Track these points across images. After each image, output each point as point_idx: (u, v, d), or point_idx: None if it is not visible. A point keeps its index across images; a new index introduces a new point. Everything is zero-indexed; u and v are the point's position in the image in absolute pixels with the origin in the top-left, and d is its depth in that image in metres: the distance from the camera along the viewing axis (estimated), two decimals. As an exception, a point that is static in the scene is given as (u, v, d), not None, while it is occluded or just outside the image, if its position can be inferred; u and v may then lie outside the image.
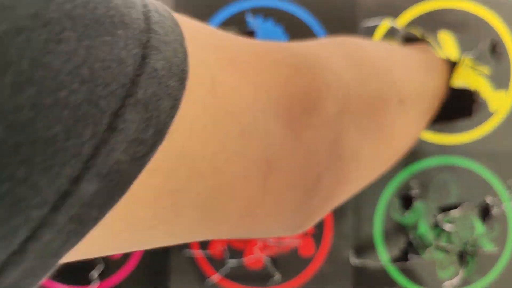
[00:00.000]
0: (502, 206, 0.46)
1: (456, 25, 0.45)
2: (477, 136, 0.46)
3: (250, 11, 0.45)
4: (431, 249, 0.46)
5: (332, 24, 0.45)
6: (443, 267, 0.46)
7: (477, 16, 0.45)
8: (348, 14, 0.45)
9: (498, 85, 0.46)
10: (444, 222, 0.46)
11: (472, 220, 0.46)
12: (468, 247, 0.46)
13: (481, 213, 0.46)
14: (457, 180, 0.46)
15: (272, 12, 0.45)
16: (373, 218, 0.46)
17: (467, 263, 0.46)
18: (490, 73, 0.46)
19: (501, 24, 0.45)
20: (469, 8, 0.45)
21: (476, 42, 0.45)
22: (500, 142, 0.46)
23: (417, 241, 0.46)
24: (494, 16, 0.45)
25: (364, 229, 0.45)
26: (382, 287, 0.46)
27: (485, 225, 0.46)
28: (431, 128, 0.45)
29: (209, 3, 0.45)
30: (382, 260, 0.46)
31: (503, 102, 0.46)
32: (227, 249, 0.46)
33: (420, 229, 0.46)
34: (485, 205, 0.46)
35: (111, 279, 0.45)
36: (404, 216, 0.46)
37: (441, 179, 0.46)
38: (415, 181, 0.46)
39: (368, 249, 0.46)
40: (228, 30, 0.45)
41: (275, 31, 0.45)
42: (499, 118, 0.46)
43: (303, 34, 0.45)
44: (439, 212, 0.46)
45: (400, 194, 0.46)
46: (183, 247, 0.45)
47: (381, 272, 0.46)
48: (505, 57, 0.46)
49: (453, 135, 0.46)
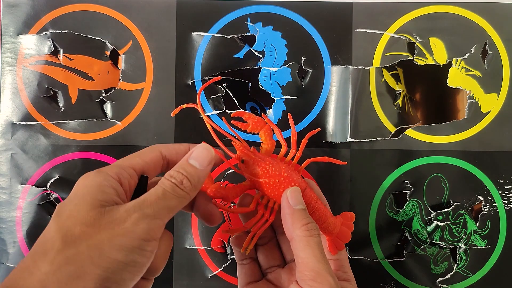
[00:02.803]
0: (494, 204, 0.47)
1: (449, 30, 0.47)
2: (469, 136, 0.47)
3: (250, 18, 0.47)
4: (425, 245, 0.47)
5: (328, 29, 0.46)
6: (436, 263, 0.47)
7: (469, 20, 0.47)
8: (344, 19, 0.46)
9: (490, 87, 0.47)
10: (437, 220, 0.47)
11: (464, 217, 0.47)
12: (461, 244, 0.47)
13: (473, 210, 0.47)
14: (450, 178, 0.47)
15: (271, 18, 0.47)
16: (368, 216, 0.47)
17: (460, 259, 0.47)
18: (482, 76, 0.47)
19: (492, 29, 0.47)
20: (462, 14, 0.47)
21: (468, 46, 0.47)
22: (491, 142, 0.47)
23: (410, 238, 0.47)
24: (485, 21, 0.47)
25: (359, 226, 0.47)
26: (377, 283, 0.47)
27: (477, 223, 0.47)
28: (424, 129, 0.47)
29: (211, 9, 0.46)
30: (377, 256, 0.47)
31: (494, 104, 0.47)
32: (228, 245, 0.47)
33: (413, 226, 0.47)
34: (477, 203, 0.47)
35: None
36: (398, 214, 0.47)
37: (434, 178, 0.47)
38: (408, 180, 0.47)
39: (363, 246, 0.47)
40: (229, 34, 0.46)
41: (274, 35, 0.47)
42: (490, 119, 0.47)
43: (301, 39, 0.46)
44: (432, 210, 0.47)
45: (394, 192, 0.47)
46: (186, 243, 0.47)
47: (376, 268, 0.47)
48: (496, 61, 0.47)
49: (446, 135, 0.47)
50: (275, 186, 0.35)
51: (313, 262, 0.31)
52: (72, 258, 0.25)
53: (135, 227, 0.26)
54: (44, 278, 0.24)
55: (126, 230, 0.26)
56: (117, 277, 0.25)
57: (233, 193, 0.35)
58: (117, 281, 0.25)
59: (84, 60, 0.47)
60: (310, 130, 0.44)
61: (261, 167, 0.35)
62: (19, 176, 0.46)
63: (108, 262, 0.25)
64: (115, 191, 0.28)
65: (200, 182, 0.31)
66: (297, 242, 0.32)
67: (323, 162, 0.46)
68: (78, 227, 0.26)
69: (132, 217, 0.27)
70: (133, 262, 0.26)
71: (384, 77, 0.47)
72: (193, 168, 0.31)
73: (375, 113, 0.46)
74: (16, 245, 0.46)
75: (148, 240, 0.27)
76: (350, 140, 0.46)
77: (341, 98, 0.46)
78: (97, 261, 0.25)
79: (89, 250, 0.25)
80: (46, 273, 0.25)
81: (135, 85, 0.47)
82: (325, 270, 0.31)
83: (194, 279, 0.47)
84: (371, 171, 0.46)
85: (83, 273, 0.25)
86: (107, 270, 0.25)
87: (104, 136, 0.46)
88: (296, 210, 0.33)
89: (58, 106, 0.46)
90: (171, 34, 0.46)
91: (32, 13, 0.46)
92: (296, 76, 0.47)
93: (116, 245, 0.26)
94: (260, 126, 0.37)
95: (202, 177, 0.31)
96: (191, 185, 0.30)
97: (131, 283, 0.27)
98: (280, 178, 0.35)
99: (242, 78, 0.47)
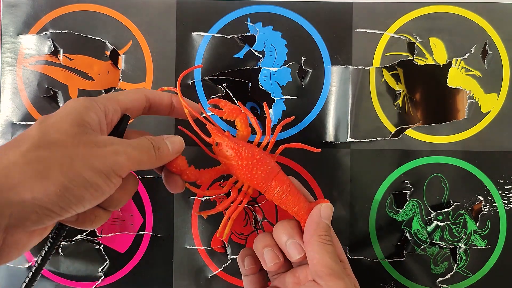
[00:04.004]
0: (494, 204, 0.47)
1: (449, 30, 0.47)
2: (469, 136, 0.47)
3: (250, 18, 0.47)
4: (425, 245, 0.47)
5: (328, 29, 0.46)
6: (436, 263, 0.47)
7: (469, 20, 0.47)
8: (344, 19, 0.46)
9: (490, 87, 0.47)
10: (437, 220, 0.47)
11: (464, 217, 0.47)
12: (461, 244, 0.47)
13: (473, 210, 0.47)
14: (450, 178, 0.47)
15: (271, 18, 0.47)
16: (368, 216, 0.47)
17: (460, 259, 0.47)
18: (482, 76, 0.47)
19: (492, 29, 0.47)
20: (461, 14, 0.47)
21: (468, 46, 0.47)
22: (491, 143, 0.47)
23: (410, 238, 0.47)
24: (485, 21, 0.47)
25: (360, 226, 0.47)
26: (377, 283, 0.47)
27: (477, 223, 0.47)
28: (424, 129, 0.47)
29: (211, 9, 0.46)
30: (377, 256, 0.47)
31: (494, 104, 0.47)
32: (228, 244, 0.47)
33: (413, 226, 0.47)
34: (477, 203, 0.47)
35: (116, 275, 0.47)
36: (398, 214, 0.47)
37: (434, 178, 0.47)
38: (408, 180, 0.47)
39: (363, 246, 0.47)
40: (229, 34, 0.46)
41: (274, 35, 0.47)
42: (490, 119, 0.47)
43: (301, 39, 0.46)
44: (432, 210, 0.47)
45: (394, 192, 0.47)
46: (186, 243, 0.47)
47: (376, 268, 0.47)
48: (496, 61, 0.47)
49: (446, 135, 0.47)
50: (248, 169, 0.36)
51: (329, 261, 0.34)
52: (43, 159, 0.26)
53: (111, 156, 0.28)
54: (10, 167, 0.25)
55: (103, 155, 0.28)
56: (77, 192, 0.27)
57: (207, 176, 0.37)
58: (76, 196, 0.27)
59: (84, 60, 0.47)
60: (310, 130, 0.45)
61: (234, 150, 0.37)
62: (19, 176, 0.46)
63: (75, 175, 0.26)
64: (98, 120, 0.30)
65: (167, 160, 0.34)
66: (314, 245, 0.35)
67: (322, 162, 0.46)
68: (58, 135, 0.27)
69: (112, 147, 0.29)
70: (97, 185, 0.27)
71: (384, 77, 0.47)
72: (167, 147, 0.33)
73: (375, 113, 0.46)
74: (16, 245, 0.46)
75: (116, 174, 0.29)
76: (350, 140, 0.46)
77: (341, 98, 0.46)
78: (65, 170, 0.26)
79: (61, 158, 0.26)
80: (13, 163, 0.26)
81: (135, 85, 0.47)
82: (340, 270, 0.34)
83: (194, 279, 0.47)
84: (371, 171, 0.46)
85: (48, 175, 0.26)
86: (71, 181, 0.26)
87: (104, 136, 0.46)
88: (323, 222, 0.36)
89: (58, 106, 0.46)
90: (171, 34, 0.46)
91: (32, 13, 0.46)
92: (296, 76, 0.47)
93: (88, 164, 0.27)
94: (236, 114, 0.39)
95: (168, 158, 0.34)
96: (162, 156, 0.33)
97: (87, 204, 0.28)
98: (253, 160, 0.37)
99: (242, 78, 0.47)
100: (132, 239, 0.47)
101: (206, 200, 0.47)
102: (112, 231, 0.46)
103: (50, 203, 0.26)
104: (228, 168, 0.37)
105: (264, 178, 0.37)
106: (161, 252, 0.47)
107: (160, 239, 0.47)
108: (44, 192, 0.25)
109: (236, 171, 0.37)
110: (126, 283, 0.47)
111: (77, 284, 0.46)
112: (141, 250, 0.47)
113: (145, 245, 0.47)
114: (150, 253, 0.47)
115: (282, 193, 0.37)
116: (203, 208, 0.47)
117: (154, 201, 0.47)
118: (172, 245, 0.47)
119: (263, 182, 0.37)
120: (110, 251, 0.47)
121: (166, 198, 0.47)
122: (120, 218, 0.47)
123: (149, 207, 0.47)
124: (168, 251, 0.47)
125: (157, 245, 0.47)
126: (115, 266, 0.47)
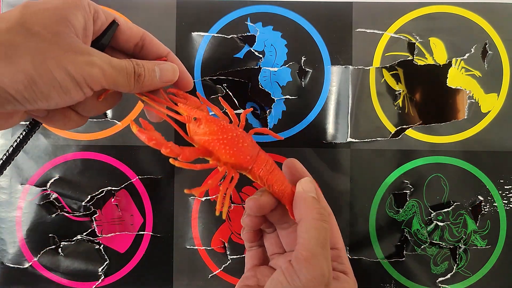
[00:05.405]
0: (494, 204, 0.47)
1: (449, 30, 0.47)
2: (469, 136, 0.47)
3: (250, 18, 0.47)
4: (425, 245, 0.47)
5: (328, 29, 0.46)
6: (436, 263, 0.47)
7: (469, 20, 0.47)
8: (344, 19, 0.46)
9: (490, 87, 0.47)
10: (437, 220, 0.47)
11: (464, 217, 0.47)
12: (461, 244, 0.47)
13: (473, 210, 0.47)
14: (450, 178, 0.47)
15: (271, 18, 0.47)
16: (368, 216, 0.47)
17: (460, 259, 0.47)
18: (482, 76, 0.47)
19: (492, 29, 0.47)
20: (461, 14, 0.47)
21: (468, 46, 0.47)
22: (491, 143, 0.47)
23: (410, 238, 0.47)
24: (485, 21, 0.47)
25: (360, 226, 0.47)
26: (377, 283, 0.47)
27: (477, 223, 0.47)
28: (425, 129, 0.47)
29: (211, 9, 0.46)
30: (377, 256, 0.47)
31: (494, 104, 0.47)
32: (228, 245, 0.47)
33: (413, 226, 0.47)
34: (477, 203, 0.47)
35: (116, 275, 0.47)
36: (398, 214, 0.47)
37: (434, 178, 0.47)
38: (408, 180, 0.47)
39: (363, 246, 0.47)
40: (229, 34, 0.46)
41: (274, 35, 0.47)
42: (490, 119, 0.47)
43: (301, 39, 0.47)
44: (432, 210, 0.47)
45: (394, 192, 0.47)
46: (186, 243, 0.47)
47: (376, 268, 0.47)
48: (496, 61, 0.47)
49: (446, 135, 0.47)
50: (234, 141, 0.33)
51: (313, 244, 0.30)
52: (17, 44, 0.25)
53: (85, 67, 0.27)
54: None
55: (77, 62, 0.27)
56: (45, 89, 0.26)
57: (187, 153, 0.32)
58: (43, 92, 0.26)
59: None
60: (310, 130, 0.44)
61: (215, 123, 0.33)
62: (19, 176, 0.46)
63: (45, 71, 0.26)
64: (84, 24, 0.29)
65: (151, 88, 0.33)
66: (305, 223, 0.31)
67: (322, 162, 0.46)
68: (38, 27, 0.26)
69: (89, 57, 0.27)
70: (66, 88, 0.27)
71: (384, 77, 0.47)
72: (153, 74, 0.32)
73: (375, 113, 0.46)
74: (16, 245, 0.46)
75: (87, 85, 0.28)
76: (350, 140, 0.46)
77: (341, 98, 0.46)
78: (36, 63, 0.25)
79: (35, 50, 0.26)
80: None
81: (135, 85, 0.46)
82: (322, 255, 0.30)
83: (194, 279, 0.47)
84: (371, 171, 0.46)
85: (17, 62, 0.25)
86: (40, 76, 0.26)
87: (104, 136, 0.46)
88: (309, 197, 0.33)
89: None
90: (171, 34, 0.46)
91: (32, 13, 0.46)
92: (296, 76, 0.47)
93: (61, 65, 0.26)
94: (196, 106, 0.36)
95: (152, 86, 0.32)
96: (143, 83, 0.31)
97: (52, 102, 0.27)
98: (237, 132, 0.33)
99: (242, 78, 0.47)
100: (132, 239, 0.47)
101: (206, 201, 0.47)
102: (112, 231, 0.46)
103: (14, 89, 0.25)
104: (209, 146, 0.33)
105: (251, 151, 0.33)
106: (161, 252, 0.47)
107: (160, 239, 0.47)
108: (11, 77, 0.25)
109: (219, 148, 0.33)
110: (126, 283, 0.47)
111: (77, 284, 0.46)
112: (141, 250, 0.47)
113: (145, 245, 0.47)
114: (150, 253, 0.47)
115: (270, 167, 0.34)
116: (203, 208, 0.47)
117: (154, 201, 0.47)
118: (172, 245, 0.47)
119: (250, 155, 0.33)
120: (110, 251, 0.47)
121: (166, 198, 0.47)
122: (120, 218, 0.47)
123: (149, 207, 0.47)
124: (168, 251, 0.47)
125: (157, 245, 0.47)
126: (115, 266, 0.47)
